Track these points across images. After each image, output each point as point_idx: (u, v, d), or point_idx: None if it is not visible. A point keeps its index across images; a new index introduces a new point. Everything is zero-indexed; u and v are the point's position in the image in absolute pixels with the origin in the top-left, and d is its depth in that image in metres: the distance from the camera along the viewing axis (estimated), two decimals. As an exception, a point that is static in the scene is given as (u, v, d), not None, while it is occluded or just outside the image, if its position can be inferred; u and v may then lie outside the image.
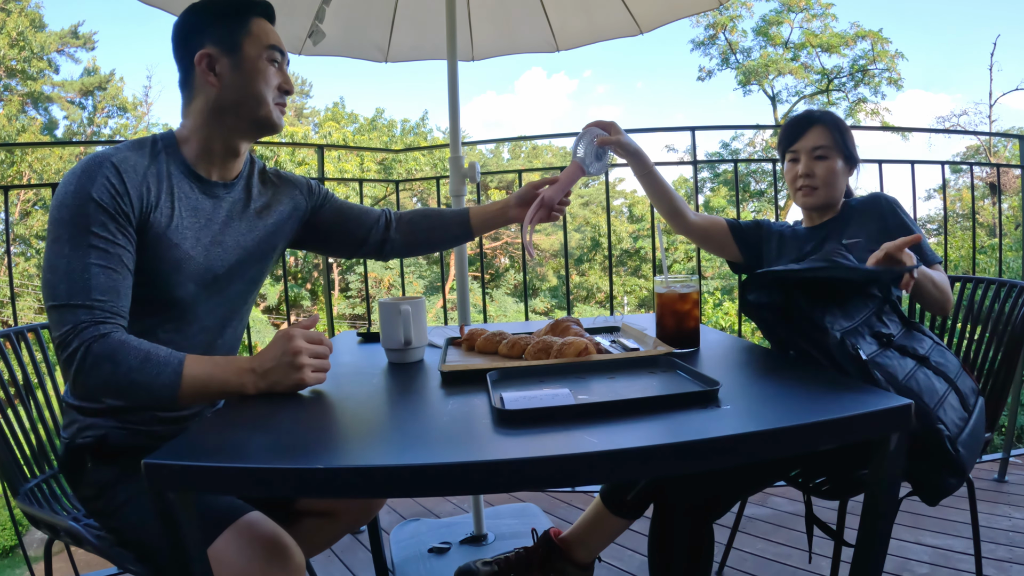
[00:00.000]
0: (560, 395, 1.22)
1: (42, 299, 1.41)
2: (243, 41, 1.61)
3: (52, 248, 1.40)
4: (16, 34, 21.44)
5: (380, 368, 1.65)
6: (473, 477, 0.98)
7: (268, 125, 1.66)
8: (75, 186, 1.42)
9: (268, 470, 0.99)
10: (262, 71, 1.63)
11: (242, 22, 1.63)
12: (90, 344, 1.35)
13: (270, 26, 1.68)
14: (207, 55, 1.60)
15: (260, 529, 1.38)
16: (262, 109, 1.63)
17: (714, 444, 0.99)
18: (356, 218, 1.97)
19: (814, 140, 2.13)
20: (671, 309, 1.69)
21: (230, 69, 1.61)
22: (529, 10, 3.11)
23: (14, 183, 20.61)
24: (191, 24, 1.63)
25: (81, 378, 1.35)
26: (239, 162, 1.71)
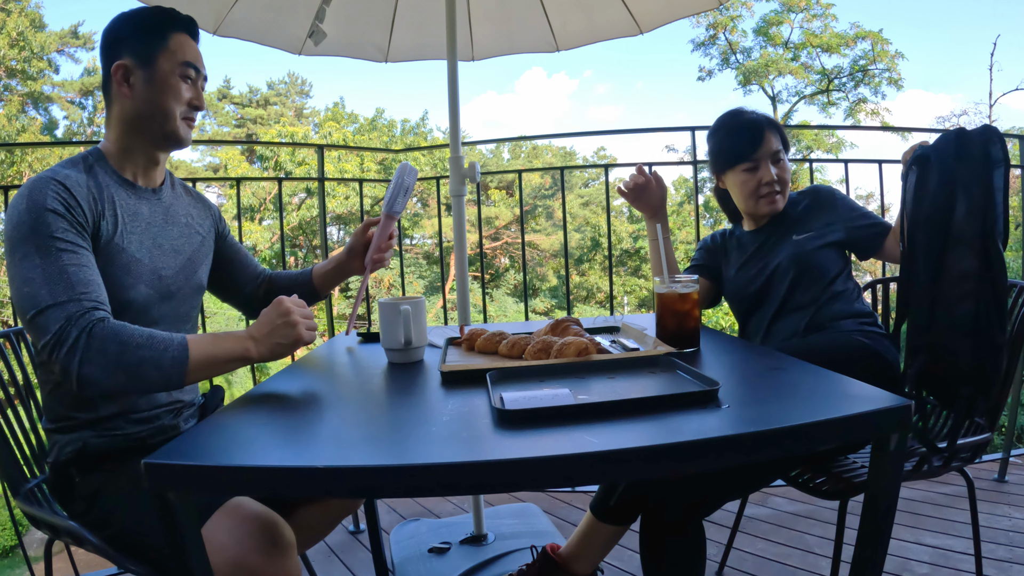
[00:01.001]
0: (560, 395, 1.22)
1: (19, 318, 1.42)
2: (158, 56, 1.66)
3: (22, 265, 1.41)
4: (16, 34, 21.41)
5: (380, 368, 1.65)
6: (473, 477, 0.97)
7: (174, 139, 1.71)
8: (27, 203, 1.44)
9: (268, 470, 0.99)
10: (173, 87, 1.67)
11: (161, 37, 1.68)
12: (91, 329, 1.37)
13: (191, 42, 1.73)
14: (123, 66, 1.65)
15: (248, 509, 1.40)
16: (168, 123, 1.68)
17: (714, 444, 0.99)
18: (244, 266, 2.06)
19: (771, 145, 2.19)
20: (671, 309, 1.69)
21: (143, 82, 1.66)
22: (529, 10, 3.11)
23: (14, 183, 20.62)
24: (115, 33, 1.68)
25: (87, 368, 1.35)
26: (160, 170, 1.78)
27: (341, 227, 24.68)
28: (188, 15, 1.75)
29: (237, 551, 1.33)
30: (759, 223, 2.29)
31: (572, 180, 27.12)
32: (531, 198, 25.38)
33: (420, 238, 25.12)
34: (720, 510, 3.08)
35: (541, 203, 25.71)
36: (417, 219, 23.91)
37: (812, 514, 3.03)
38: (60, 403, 1.58)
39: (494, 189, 24.84)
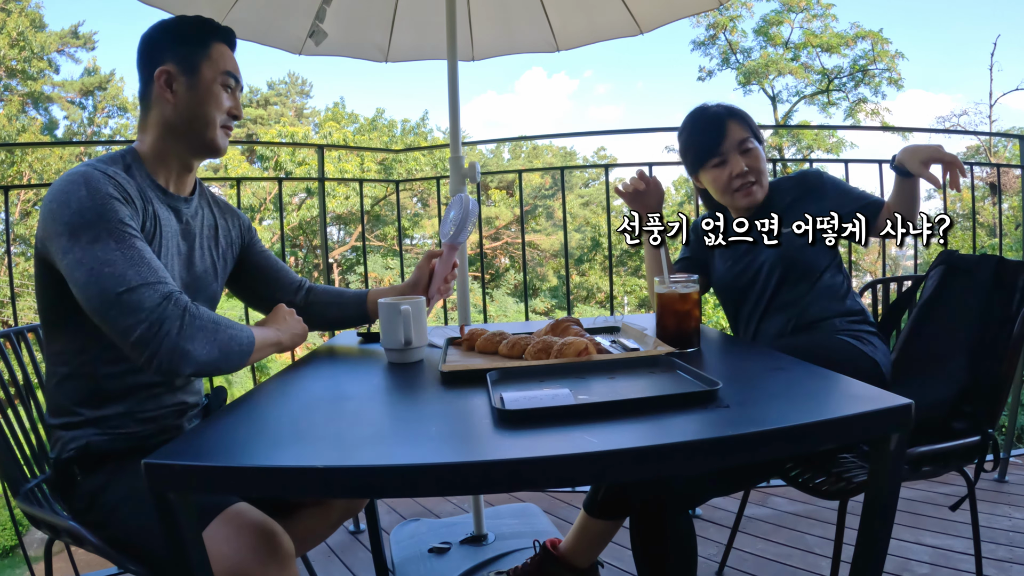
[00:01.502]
0: (560, 395, 1.22)
1: (90, 299, 1.39)
2: (201, 63, 1.69)
3: (93, 247, 1.40)
4: (16, 34, 21.42)
5: (380, 368, 1.65)
6: (473, 477, 0.97)
7: (212, 148, 1.74)
8: (87, 190, 1.44)
9: (268, 470, 0.99)
10: (215, 95, 1.71)
11: (203, 45, 1.71)
12: (189, 307, 1.42)
13: (230, 52, 1.77)
14: (166, 72, 1.67)
15: (248, 517, 1.39)
16: (208, 131, 1.71)
17: (715, 444, 0.99)
18: (280, 277, 2.05)
19: (737, 134, 2.14)
20: (671, 309, 1.69)
21: (186, 88, 1.68)
22: (529, 10, 3.11)
23: (14, 183, 20.63)
24: (156, 40, 1.70)
25: (191, 344, 1.39)
26: (192, 177, 1.80)
27: (341, 227, 24.70)
28: (228, 26, 1.79)
29: (235, 560, 1.33)
30: (740, 213, 2.22)
31: (572, 180, 27.13)
32: (531, 198, 25.38)
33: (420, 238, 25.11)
34: (720, 510, 3.09)
35: (541, 203, 25.71)
36: (417, 219, 23.91)
37: (812, 514, 3.03)
38: (66, 398, 1.58)
39: (494, 189, 24.83)
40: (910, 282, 2.42)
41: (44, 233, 1.46)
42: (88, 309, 1.40)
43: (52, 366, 1.61)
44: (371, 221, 23.29)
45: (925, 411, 1.86)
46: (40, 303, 1.59)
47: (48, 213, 1.45)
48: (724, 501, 3.18)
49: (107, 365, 1.56)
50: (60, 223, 1.42)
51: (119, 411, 1.59)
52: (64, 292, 1.49)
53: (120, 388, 1.58)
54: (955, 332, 2.00)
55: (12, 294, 3.80)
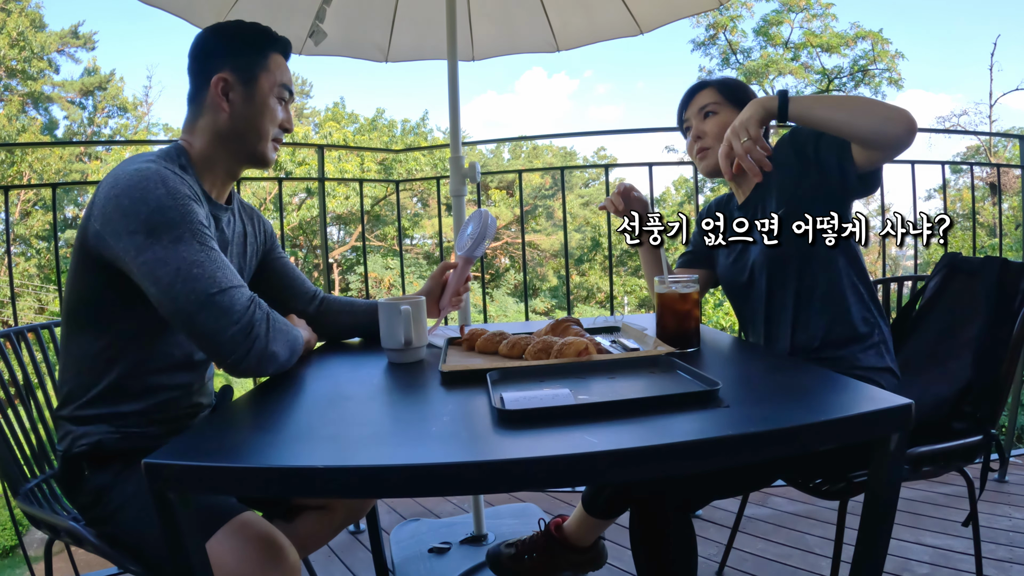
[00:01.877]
0: (560, 395, 1.22)
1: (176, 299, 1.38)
2: (260, 74, 1.68)
3: (178, 247, 1.39)
4: (16, 34, 21.44)
5: (380, 368, 1.65)
6: (473, 477, 0.97)
7: (262, 160, 1.73)
8: (166, 188, 1.43)
9: (268, 470, 0.99)
10: (271, 108, 1.70)
11: (262, 55, 1.70)
12: (268, 310, 1.47)
13: (285, 63, 1.75)
14: (223, 79, 1.65)
15: (254, 528, 1.39)
16: (261, 144, 1.70)
17: (714, 444, 0.99)
18: (296, 285, 2.02)
19: (701, 100, 2.06)
20: (671, 309, 1.69)
21: (242, 99, 1.66)
22: (529, 10, 3.11)
23: (14, 183, 20.64)
24: (212, 45, 1.68)
25: (275, 346, 1.46)
26: (230, 186, 1.79)
27: (341, 227, 24.71)
28: (285, 37, 1.78)
29: (240, 571, 1.33)
30: (744, 195, 2.07)
31: (572, 180, 27.14)
32: (531, 198, 25.39)
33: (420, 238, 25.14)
34: (720, 510, 3.09)
35: (541, 203, 25.72)
36: (417, 219, 23.92)
37: (812, 514, 3.03)
38: (83, 392, 1.56)
39: (494, 189, 24.84)
40: (910, 282, 2.42)
41: (106, 228, 1.42)
42: (170, 308, 1.38)
43: (71, 359, 1.59)
44: (371, 221, 23.30)
45: (927, 411, 1.87)
46: (70, 296, 1.56)
47: (117, 208, 1.41)
48: (724, 501, 3.18)
49: (129, 363, 1.55)
50: (135, 220, 1.40)
51: (135, 410, 1.57)
52: (103, 287, 1.49)
53: (139, 387, 1.57)
54: (958, 332, 2.00)
55: (12, 294, 3.79)
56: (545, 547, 2.14)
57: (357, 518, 2.10)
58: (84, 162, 22.83)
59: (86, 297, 1.53)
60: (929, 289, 2.17)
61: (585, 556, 2.13)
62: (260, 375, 1.46)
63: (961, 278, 2.09)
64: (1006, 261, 1.95)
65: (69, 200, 22.20)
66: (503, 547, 2.23)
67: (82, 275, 1.52)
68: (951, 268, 2.13)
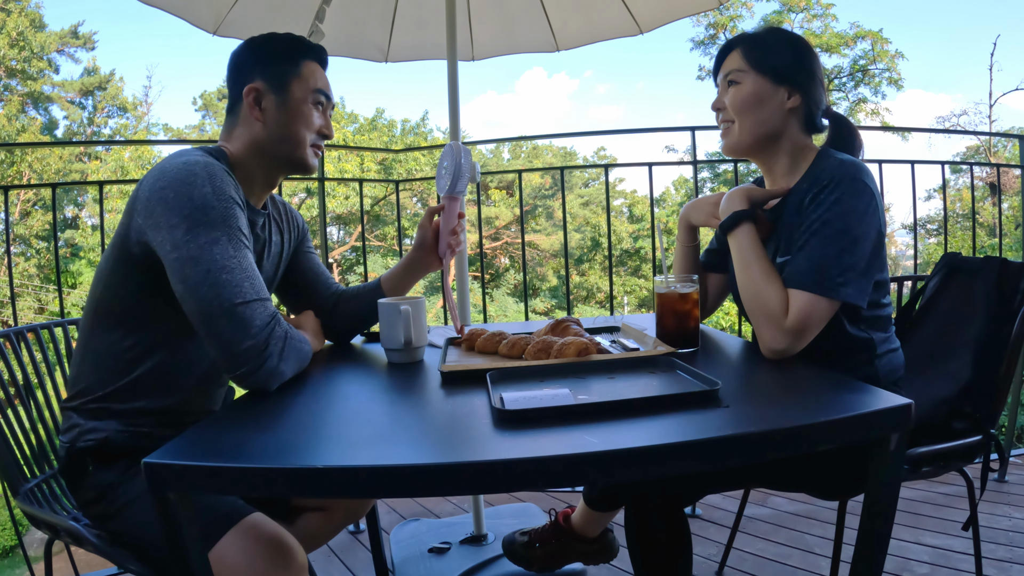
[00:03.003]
0: (560, 395, 1.22)
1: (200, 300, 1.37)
2: (291, 82, 1.69)
3: (213, 249, 1.39)
4: (16, 34, 21.46)
5: (380, 368, 1.65)
6: (473, 477, 0.97)
7: (301, 166, 1.73)
8: (212, 187, 1.43)
9: (268, 470, 0.99)
10: (305, 114, 1.71)
11: (294, 63, 1.70)
12: (290, 331, 1.49)
13: (321, 70, 1.76)
14: (255, 90, 1.67)
15: (263, 530, 1.39)
16: (298, 150, 1.71)
17: (714, 444, 0.99)
18: (319, 283, 2.01)
19: (729, 65, 1.79)
20: (671, 309, 1.69)
21: (275, 107, 1.68)
22: (529, 10, 3.12)
23: (14, 183, 20.65)
24: (244, 58, 1.70)
25: (285, 365, 1.45)
26: (267, 193, 1.79)
27: (341, 227, 24.71)
28: (319, 44, 1.79)
29: (250, 573, 1.33)
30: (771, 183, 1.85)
31: (572, 180, 27.13)
32: (531, 198, 25.38)
33: (420, 238, 25.07)
34: (720, 510, 3.09)
35: (541, 203, 25.71)
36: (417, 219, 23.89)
37: (812, 514, 3.03)
38: (99, 386, 1.54)
39: (494, 189, 24.84)
40: (910, 282, 2.42)
41: (148, 220, 1.42)
42: (192, 308, 1.38)
43: (91, 354, 1.57)
44: (371, 221, 23.31)
45: (926, 411, 1.87)
46: (102, 291, 1.55)
47: (162, 201, 1.41)
48: (724, 501, 3.18)
49: (154, 364, 1.55)
50: (177, 214, 1.39)
51: (149, 409, 1.56)
52: (142, 288, 1.50)
53: (159, 389, 1.57)
54: (957, 332, 2.00)
55: (12, 295, 3.79)
56: (554, 537, 2.18)
57: (356, 518, 2.10)
58: (84, 162, 22.81)
59: (121, 294, 1.53)
60: (929, 289, 2.18)
61: (593, 547, 2.16)
62: (266, 390, 1.43)
63: (961, 278, 2.09)
64: (1006, 261, 1.95)
65: (69, 200, 22.21)
66: (517, 535, 2.27)
67: (120, 272, 1.52)
68: (951, 268, 2.13)
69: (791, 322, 1.52)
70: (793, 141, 1.75)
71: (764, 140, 1.75)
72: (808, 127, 1.77)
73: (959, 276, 2.10)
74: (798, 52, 1.74)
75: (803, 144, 1.76)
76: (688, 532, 1.67)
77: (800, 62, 1.73)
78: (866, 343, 1.68)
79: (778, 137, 1.75)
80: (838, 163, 1.62)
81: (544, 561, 2.19)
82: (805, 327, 1.51)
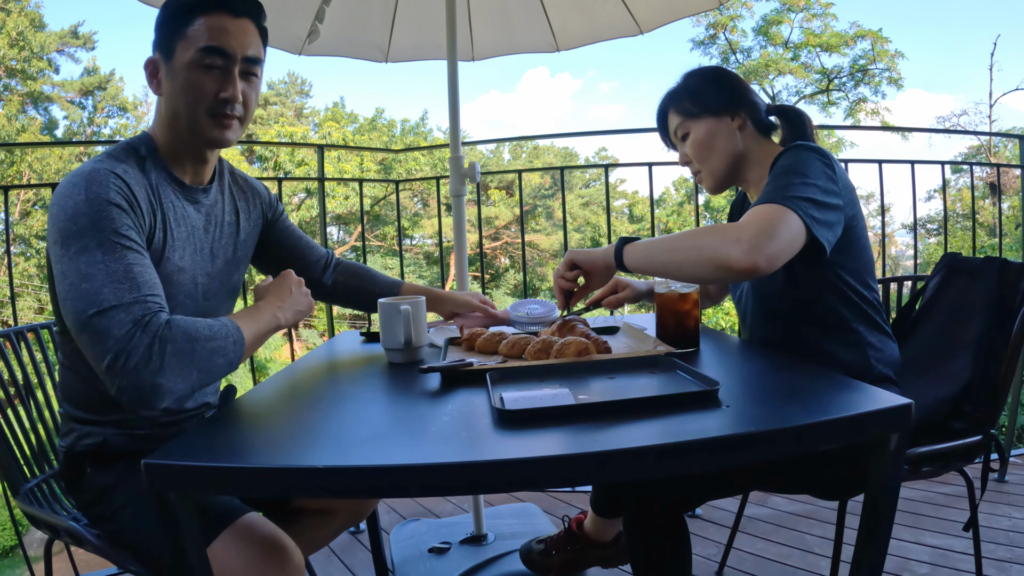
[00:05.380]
0: (560, 395, 1.23)
1: (67, 315, 1.27)
2: (177, 46, 1.49)
3: (79, 259, 1.28)
4: (16, 34, 21.49)
5: (380, 368, 1.66)
6: (473, 477, 0.98)
7: (205, 141, 1.56)
8: (86, 194, 1.33)
9: (268, 470, 0.99)
10: (190, 81, 1.49)
11: (181, 23, 1.49)
12: (161, 333, 1.24)
13: (221, 22, 1.51)
14: (152, 62, 1.53)
15: (259, 530, 1.38)
16: (195, 124, 1.52)
17: (715, 444, 0.99)
18: (303, 249, 1.96)
19: (672, 125, 1.93)
20: (671, 309, 1.70)
21: (167, 78, 1.51)
22: (529, 10, 3.12)
23: (14, 183, 20.68)
24: (155, 24, 1.54)
25: (162, 378, 1.23)
26: (209, 167, 1.65)
27: (341, 227, 24.73)
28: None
29: (245, 573, 1.33)
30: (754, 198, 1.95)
31: (572, 180, 27.16)
32: (531, 198, 25.41)
33: (420, 238, 25.16)
34: (720, 510, 3.10)
35: (541, 203, 25.75)
36: (417, 219, 23.95)
37: (812, 514, 3.04)
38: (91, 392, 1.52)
39: (494, 189, 24.86)
40: (910, 282, 2.42)
41: (47, 236, 1.37)
42: (68, 326, 1.29)
43: (72, 361, 1.54)
44: (371, 221, 23.33)
45: (928, 410, 1.87)
46: (55, 302, 1.47)
47: (49, 216, 1.35)
48: (724, 501, 3.19)
49: None
50: (55, 228, 1.32)
51: (144, 413, 1.52)
52: None
53: None
54: (958, 332, 2.00)
55: (12, 295, 3.80)
56: (570, 543, 2.19)
57: (357, 521, 2.08)
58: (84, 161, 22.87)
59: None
60: (929, 289, 2.18)
61: (609, 551, 2.16)
62: (151, 408, 1.25)
63: (961, 278, 2.09)
64: (1006, 261, 1.96)
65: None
66: (534, 543, 2.27)
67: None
68: (951, 268, 2.13)
69: (747, 227, 1.46)
70: (756, 151, 1.85)
71: (733, 167, 1.87)
72: (762, 131, 1.87)
73: (959, 276, 2.10)
74: (717, 81, 1.87)
75: (766, 149, 1.86)
76: (687, 537, 1.68)
77: (724, 87, 1.85)
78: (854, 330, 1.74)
79: (743, 157, 1.85)
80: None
81: (562, 568, 2.19)
82: (764, 229, 1.45)
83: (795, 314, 1.77)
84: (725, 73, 1.90)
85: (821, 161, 1.62)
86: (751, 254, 1.42)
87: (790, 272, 1.67)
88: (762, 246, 1.42)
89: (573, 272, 1.83)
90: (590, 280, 1.85)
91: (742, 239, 1.43)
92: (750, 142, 1.85)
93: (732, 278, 1.48)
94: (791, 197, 1.51)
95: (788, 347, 1.78)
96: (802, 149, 1.66)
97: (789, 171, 1.58)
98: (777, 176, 1.59)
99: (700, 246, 1.50)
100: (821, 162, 1.62)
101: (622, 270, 1.72)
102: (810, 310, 1.73)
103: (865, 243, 1.74)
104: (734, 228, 1.47)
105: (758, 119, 1.86)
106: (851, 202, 1.67)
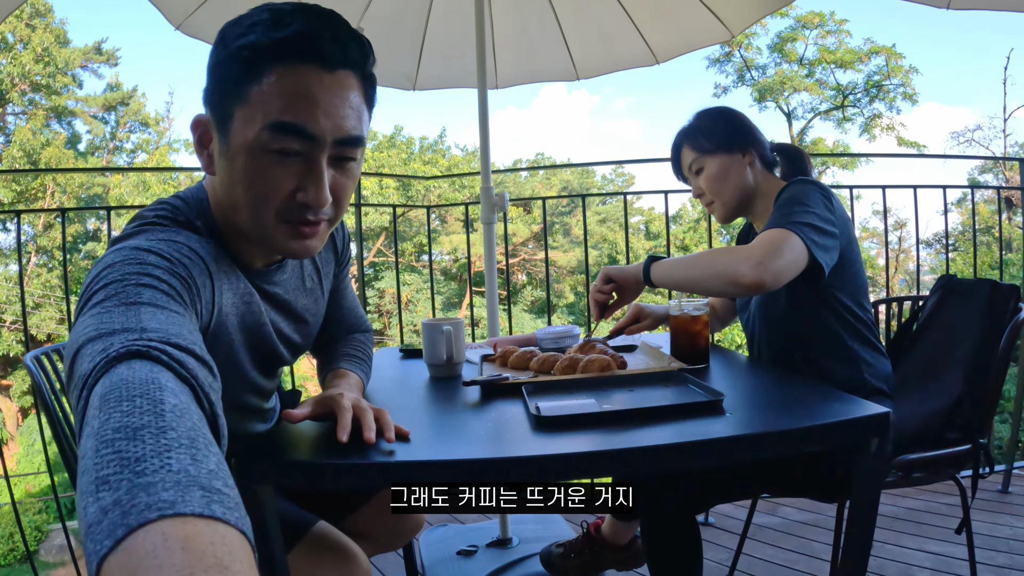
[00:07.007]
0: (587, 404, 1.41)
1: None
2: (235, 110, 1.05)
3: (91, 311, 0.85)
4: (41, 50, 21.76)
5: (423, 381, 1.81)
6: (517, 469, 1.15)
7: (278, 251, 1.19)
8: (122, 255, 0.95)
9: (354, 465, 1.16)
10: (254, 172, 1.05)
11: (246, 74, 1.03)
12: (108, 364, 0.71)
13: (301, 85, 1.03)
14: (201, 124, 1.12)
15: (330, 539, 1.43)
16: (264, 230, 1.11)
17: (715, 444, 1.18)
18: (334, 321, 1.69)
19: (687, 159, 2.08)
20: (684, 329, 1.86)
21: (221, 156, 1.09)
22: (551, 41, 3.26)
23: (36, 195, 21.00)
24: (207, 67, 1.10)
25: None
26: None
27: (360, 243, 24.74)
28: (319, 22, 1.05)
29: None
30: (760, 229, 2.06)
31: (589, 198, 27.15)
32: (548, 215, 25.37)
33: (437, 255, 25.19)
34: (731, 518, 3.21)
35: (558, 220, 25.77)
36: (435, 235, 24.05)
37: (819, 523, 3.17)
38: None
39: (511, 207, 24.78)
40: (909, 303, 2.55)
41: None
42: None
43: None
44: (388, 237, 23.43)
45: (922, 422, 2.01)
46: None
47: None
48: (735, 510, 3.33)
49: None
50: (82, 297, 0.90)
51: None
52: None
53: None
54: (952, 349, 2.13)
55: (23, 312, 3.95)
56: (588, 547, 2.29)
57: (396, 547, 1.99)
58: (106, 176, 23.09)
59: None
60: (926, 309, 2.31)
61: (624, 553, 2.27)
62: None
63: (955, 299, 2.22)
64: (996, 283, 2.09)
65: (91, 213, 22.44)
66: (553, 547, 2.37)
67: None
68: (946, 289, 2.27)
69: (756, 248, 1.67)
70: (763, 186, 2.05)
71: (743, 200, 2.05)
72: (767, 167, 2.07)
73: (954, 297, 2.24)
74: (728, 119, 2.06)
75: (772, 184, 2.05)
76: (699, 537, 1.82)
77: (735, 126, 2.05)
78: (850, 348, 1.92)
79: (752, 191, 2.04)
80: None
81: (580, 570, 2.29)
82: (771, 250, 1.66)
83: (796, 334, 1.95)
84: (735, 113, 2.08)
85: (821, 193, 1.83)
86: (758, 271, 1.64)
87: (793, 295, 1.88)
88: (768, 264, 1.64)
89: (608, 286, 2.04)
90: (623, 294, 2.06)
91: (751, 258, 1.65)
92: (759, 177, 2.05)
93: (742, 292, 1.71)
94: (795, 222, 1.72)
95: (789, 363, 1.96)
96: (804, 183, 1.87)
97: (792, 201, 1.79)
98: (781, 206, 1.80)
99: (715, 264, 1.73)
100: (821, 194, 1.83)
101: (649, 284, 1.93)
102: (810, 330, 1.92)
103: (859, 268, 1.94)
104: (745, 249, 1.69)
105: (764, 156, 2.06)
106: (846, 231, 1.87)
